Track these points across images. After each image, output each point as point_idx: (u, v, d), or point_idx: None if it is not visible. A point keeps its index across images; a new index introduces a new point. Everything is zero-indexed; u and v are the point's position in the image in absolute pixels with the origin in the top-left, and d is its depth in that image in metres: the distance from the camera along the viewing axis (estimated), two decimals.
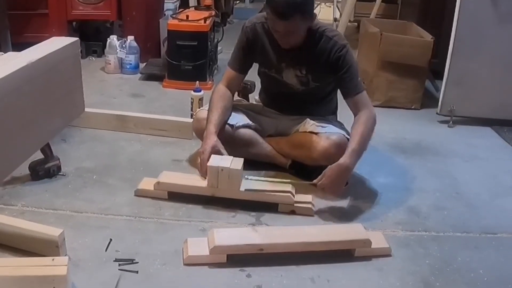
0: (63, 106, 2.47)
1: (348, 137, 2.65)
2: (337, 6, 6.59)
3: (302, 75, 2.72)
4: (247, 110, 2.95)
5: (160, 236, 2.27)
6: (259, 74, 2.92)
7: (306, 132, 2.72)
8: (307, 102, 2.82)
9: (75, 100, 2.61)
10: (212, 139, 2.60)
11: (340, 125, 2.82)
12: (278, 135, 2.88)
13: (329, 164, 2.58)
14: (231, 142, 2.72)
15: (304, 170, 2.77)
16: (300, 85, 2.75)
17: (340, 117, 2.98)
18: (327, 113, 2.88)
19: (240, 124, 2.82)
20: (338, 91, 2.81)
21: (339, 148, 2.59)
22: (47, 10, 4.58)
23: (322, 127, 2.71)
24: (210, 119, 2.67)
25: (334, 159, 2.56)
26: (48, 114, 2.31)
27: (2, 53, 2.57)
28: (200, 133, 2.79)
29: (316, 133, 2.68)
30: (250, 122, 2.86)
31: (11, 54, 2.31)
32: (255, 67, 2.90)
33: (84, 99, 2.76)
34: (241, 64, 2.83)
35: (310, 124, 2.75)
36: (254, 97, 3.20)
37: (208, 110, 2.73)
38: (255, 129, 2.85)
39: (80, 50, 2.58)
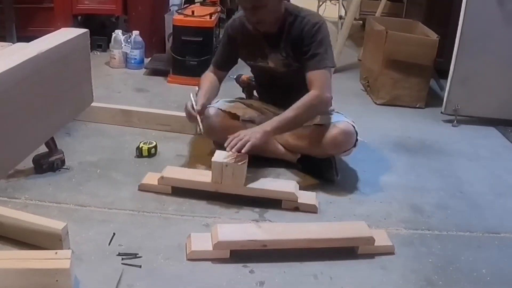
0: (72, 97, 2.47)
1: (353, 124, 2.69)
2: (342, 4, 6.56)
3: (283, 57, 2.73)
4: (251, 104, 2.98)
5: (164, 231, 2.27)
6: (251, 70, 3.00)
7: (311, 125, 2.72)
8: (299, 90, 2.72)
9: (84, 91, 2.60)
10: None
11: (342, 115, 2.81)
12: None
13: (338, 153, 2.69)
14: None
15: (312, 165, 2.78)
16: (283, 66, 2.76)
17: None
18: None
19: (246, 117, 2.83)
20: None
21: (347, 135, 2.64)
22: (52, 4, 4.60)
23: (326, 118, 2.72)
24: (200, 89, 2.79)
25: (343, 146, 2.63)
26: (56, 105, 2.30)
27: (11, 44, 2.57)
28: (208, 130, 2.80)
29: (321, 124, 2.69)
30: (255, 115, 2.87)
31: (20, 44, 2.30)
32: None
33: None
34: (223, 61, 2.90)
35: None
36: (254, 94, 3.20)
37: (199, 86, 2.84)
38: (260, 123, 2.85)
39: (89, 41, 2.57)
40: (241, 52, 2.87)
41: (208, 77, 2.87)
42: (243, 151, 2.43)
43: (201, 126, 2.62)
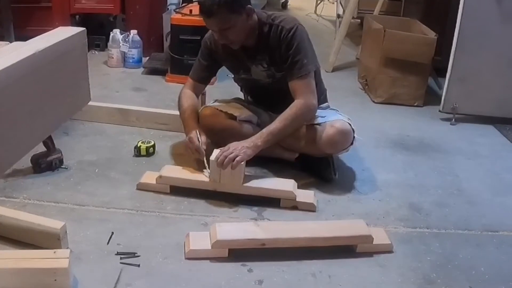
0: (69, 96, 2.47)
1: (350, 121, 2.68)
2: (340, 2, 6.58)
3: (265, 68, 2.72)
4: (247, 105, 2.97)
5: (162, 230, 2.27)
6: (236, 82, 2.98)
7: (307, 125, 2.71)
8: (287, 94, 2.73)
9: (81, 90, 2.60)
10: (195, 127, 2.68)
11: (337, 111, 2.82)
12: None
13: (335, 152, 2.69)
14: (236, 135, 2.71)
15: (310, 163, 2.78)
16: (267, 78, 2.76)
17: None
18: (319, 102, 2.82)
19: (243, 117, 2.83)
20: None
21: (343, 134, 2.63)
22: (50, 3, 4.60)
23: (322, 117, 2.72)
24: (188, 117, 2.75)
25: (340, 146, 2.64)
26: (53, 104, 2.30)
27: (8, 42, 2.56)
28: (206, 130, 2.80)
29: (318, 124, 2.68)
30: (253, 115, 2.87)
31: (17, 43, 2.30)
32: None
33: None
34: (203, 74, 2.88)
35: None
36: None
37: (181, 109, 2.80)
38: (256, 123, 2.85)
39: (86, 40, 2.57)
40: (224, 64, 2.88)
41: (190, 100, 2.83)
42: (232, 168, 2.43)
43: (207, 166, 2.55)
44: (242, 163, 2.46)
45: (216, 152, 2.50)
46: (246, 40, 2.64)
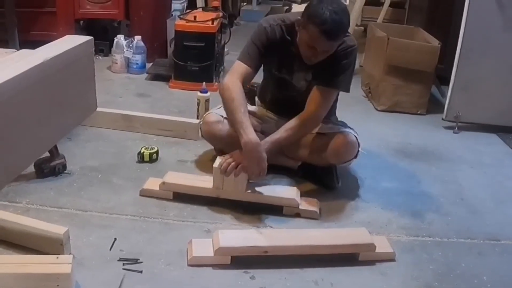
0: (76, 104, 2.47)
1: (356, 135, 2.67)
2: None
3: (308, 79, 2.70)
4: (253, 111, 2.95)
5: (165, 236, 2.27)
6: (265, 75, 2.90)
7: (313, 133, 2.71)
8: (304, 104, 2.73)
9: (88, 98, 2.61)
10: (259, 146, 2.46)
11: (344, 124, 2.81)
12: None
13: (338, 163, 2.69)
14: (238, 142, 2.72)
15: (313, 171, 2.79)
16: (304, 87, 2.74)
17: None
18: (329, 115, 2.84)
19: None
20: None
21: (350, 146, 2.63)
22: (54, 8, 4.61)
23: (329, 127, 2.71)
24: (243, 122, 2.47)
25: (344, 157, 2.64)
26: (60, 113, 2.31)
27: (15, 50, 2.57)
28: (210, 137, 2.80)
29: (324, 134, 2.68)
30: (256, 123, 2.85)
31: (25, 51, 2.31)
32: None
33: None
34: (256, 61, 2.69)
35: None
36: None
37: (233, 109, 2.52)
38: (260, 131, 2.85)
39: (93, 49, 2.58)
40: (269, 59, 2.75)
41: (243, 94, 2.57)
42: (234, 175, 2.43)
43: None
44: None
45: (219, 159, 2.50)
46: None
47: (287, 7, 8.16)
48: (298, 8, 8.54)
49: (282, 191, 2.58)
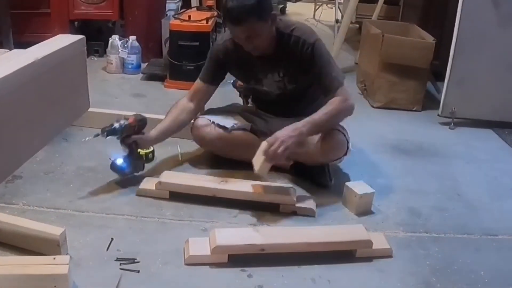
0: (68, 103, 2.47)
1: (344, 132, 2.66)
2: (339, 7, 6.59)
3: (280, 78, 2.70)
4: (243, 111, 2.97)
5: (162, 236, 2.27)
6: (243, 89, 2.96)
7: None
8: (292, 103, 2.78)
9: (80, 97, 2.61)
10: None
11: None
12: None
13: (327, 161, 2.70)
14: (228, 145, 2.75)
15: (305, 170, 2.78)
16: (277, 89, 2.74)
17: None
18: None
19: (235, 126, 2.83)
20: None
21: (337, 144, 2.63)
22: (49, 9, 4.59)
23: None
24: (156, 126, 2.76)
25: (332, 156, 2.66)
26: (53, 112, 2.31)
27: (7, 50, 2.56)
28: (200, 140, 2.83)
29: None
30: (246, 123, 2.86)
31: (17, 51, 2.30)
32: None
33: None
34: (212, 76, 2.80)
35: None
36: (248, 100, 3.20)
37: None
38: (251, 130, 2.85)
39: (85, 48, 2.58)
40: (234, 73, 2.87)
41: (179, 109, 2.83)
42: (282, 161, 2.45)
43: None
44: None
45: (263, 145, 2.43)
46: (267, 49, 2.60)
47: (281, 6, 8.18)
48: (293, 7, 8.57)
49: (278, 189, 2.58)
